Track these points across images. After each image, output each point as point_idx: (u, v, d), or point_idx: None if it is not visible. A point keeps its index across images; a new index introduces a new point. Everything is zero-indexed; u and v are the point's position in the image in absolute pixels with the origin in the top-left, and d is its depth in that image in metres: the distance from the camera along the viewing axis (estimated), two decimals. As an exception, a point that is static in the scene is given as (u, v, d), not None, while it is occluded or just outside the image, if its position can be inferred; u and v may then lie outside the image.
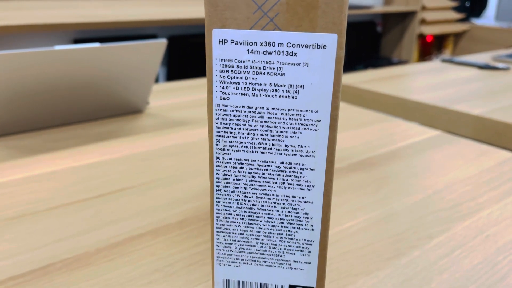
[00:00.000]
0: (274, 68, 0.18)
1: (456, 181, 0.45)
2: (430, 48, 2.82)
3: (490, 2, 3.09)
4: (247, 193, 0.21)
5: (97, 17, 1.48)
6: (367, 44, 2.79)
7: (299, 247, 0.21)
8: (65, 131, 0.56)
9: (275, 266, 0.22)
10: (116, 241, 0.34)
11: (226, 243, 0.22)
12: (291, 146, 0.19)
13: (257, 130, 0.19)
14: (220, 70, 0.19)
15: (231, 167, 0.20)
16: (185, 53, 2.02)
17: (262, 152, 0.20)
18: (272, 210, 0.21)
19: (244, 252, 0.22)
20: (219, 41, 0.18)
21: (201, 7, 2.00)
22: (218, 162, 0.20)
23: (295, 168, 0.20)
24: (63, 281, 0.29)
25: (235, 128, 0.19)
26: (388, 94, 0.77)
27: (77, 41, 1.80)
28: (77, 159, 0.48)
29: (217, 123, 0.19)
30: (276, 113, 0.19)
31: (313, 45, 0.17)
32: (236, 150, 0.20)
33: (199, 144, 0.53)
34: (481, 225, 0.37)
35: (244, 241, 0.21)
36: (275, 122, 0.19)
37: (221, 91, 0.19)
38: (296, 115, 0.19)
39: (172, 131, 0.57)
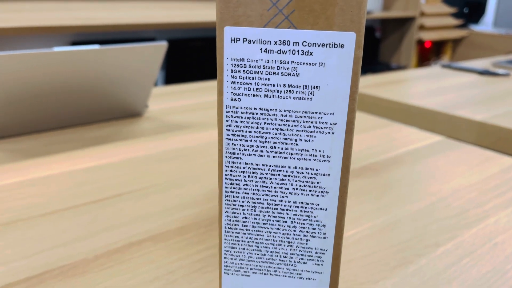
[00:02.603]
0: (288, 68, 0.17)
1: (460, 187, 0.45)
2: (428, 53, 2.83)
3: (488, 9, 3.12)
4: (258, 199, 0.20)
5: (96, 19, 1.47)
6: (366, 49, 2.80)
7: (312, 256, 0.20)
8: (63, 134, 0.55)
9: (285, 276, 0.21)
10: (114, 248, 0.33)
11: (234, 252, 0.21)
12: (305, 150, 0.18)
13: (269, 133, 0.18)
14: (232, 70, 0.18)
15: (241, 171, 0.19)
16: (184, 57, 2.01)
17: (274, 157, 0.19)
18: (284, 217, 0.20)
19: (254, 261, 0.21)
20: (231, 40, 0.17)
21: (200, 10, 2.00)
22: (228, 166, 0.19)
23: (308, 173, 0.19)
24: (60, 290, 0.28)
25: (246, 131, 0.18)
26: (389, 99, 0.76)
27: (75, 43, 1.79)
28: (74, 163, 0.47)
29: (227, 125, 0.18)
30: (289, 116, 0.18)
31: (330, 44, 0.17)
32: (247, 154, 0.19)
33: (199, 149, 0.52)
34: (489, 232, 0.37)
35: (253, 250, 0.20)
36: (288, 125, 0.18)
37: (232, 92, 0.18)
38: (311, 117, 0.18)
39: (171, 135, 0.56)
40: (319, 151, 0.18)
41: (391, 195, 0.43)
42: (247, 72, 0.18)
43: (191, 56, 2.03)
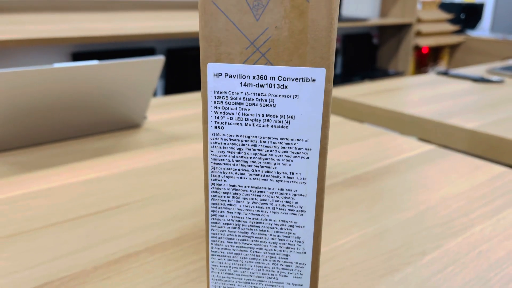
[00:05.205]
0: (266, 100, 0.19)
1: (449, 196, 0.46)
2: (426, 59, 2.85)
3: (485, 14, 3.13)
4: (241, 218, 0.21)
5: (96, 30, 1.49)
6: (363, 56, 2.81)
7: (292, 270, 0.22)
8: (62, 147, 0.56)
9: (268, 288, 0.22)
10: (113, 259, 0.34)
11: (221, 266, 0.22)
12: (283, 173, 0.20)
13: (251, 157, 0.20)
14: (215, 102, 0.19)
15: (226, 193, 0.21)
16: (183, 66, 2.03)
17: (255, 179, 0.21)
18: (265, 234, 0.21)
19: (239, 275, 0.22)
20: (214, 74, 0.19)
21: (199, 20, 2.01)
22: (213, 188, 0.21)
23: (287, 194, 0.20)
24: (61, 300, 0.29)
25: (229, 156, 0.20)
26: (384, 108, 0.78)
27: (75, 54, 1.81)
28: (74, 175, 0.48)
29: (212, 151, 0.20)
30: (268, 142, 0.20)
31: (302, 78, 0.18)
32: (230, 177, 0.21)
33: (196, 160, 0.54)
34: (474, 241, 0.38)
35: (238, 264, 0.22)
36: (267, 150, 0.20)
37: (215, 121, 0.20)
38: (288, 143, 0.20)
39: (169, 146, 0.58)
40: (296, 173, 0.20)
41: (382, 204, 0.44)
42: (229, 103, 0.19)
43: (190, 65, 2.04)
